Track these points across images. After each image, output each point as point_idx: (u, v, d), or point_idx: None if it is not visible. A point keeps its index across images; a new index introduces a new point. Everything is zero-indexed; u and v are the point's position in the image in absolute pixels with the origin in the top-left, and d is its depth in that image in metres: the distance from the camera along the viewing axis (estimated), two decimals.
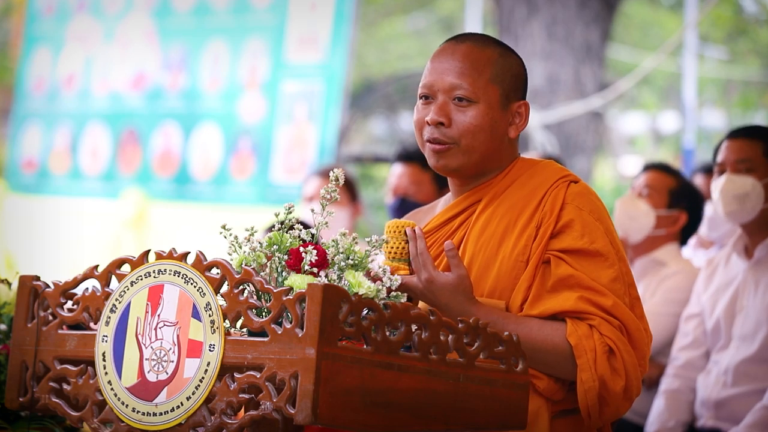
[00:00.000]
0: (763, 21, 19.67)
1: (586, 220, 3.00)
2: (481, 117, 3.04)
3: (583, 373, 2.91)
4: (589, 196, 3.05)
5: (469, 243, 3.06)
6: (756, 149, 4.50)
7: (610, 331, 2.92)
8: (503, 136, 3.09)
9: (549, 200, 3.02)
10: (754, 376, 4.46)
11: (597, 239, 2.99)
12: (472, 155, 3.07)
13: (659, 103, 22.38)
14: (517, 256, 2.99)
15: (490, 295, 3.01)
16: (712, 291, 4.68)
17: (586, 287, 2.94)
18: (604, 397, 2.93)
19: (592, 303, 2.93)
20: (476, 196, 3.12)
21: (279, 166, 8.37)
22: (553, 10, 11.06)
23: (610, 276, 2.97)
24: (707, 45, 20.00)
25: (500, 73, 3.07)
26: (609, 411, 2.95)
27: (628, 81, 10.34)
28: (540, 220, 3.01)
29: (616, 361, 2.92)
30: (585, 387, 2.92)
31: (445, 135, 3.06)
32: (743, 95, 20.98)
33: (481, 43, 3.11)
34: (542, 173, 3.09)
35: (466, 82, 3.05)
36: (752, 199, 4.47)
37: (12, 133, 10.17)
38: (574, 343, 2.91)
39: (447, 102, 3.06)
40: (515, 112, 3.11)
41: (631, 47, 19.84)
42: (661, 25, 20.90)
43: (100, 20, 9.51)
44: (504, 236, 3.03)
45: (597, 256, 2.98)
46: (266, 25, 8.58)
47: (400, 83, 12.28)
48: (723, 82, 21.48)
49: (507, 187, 3.09)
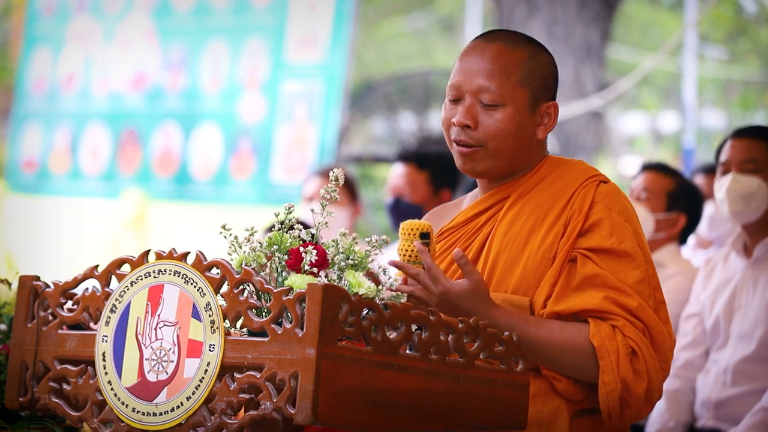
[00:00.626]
0: (763, 21, 19.67)
1: (615, 220, 2.97)
2: (508, 120, 3.01)
3: (606, 374, 2.88)
4: (619, 197, 3.02)
5: (495, 240, 3.03)
6: (762, 149, 4.49)
7: (634, 332, 2.89)
8: (531, 138, 3.06)
9: (578, 198, 2.99)
10: (753, 375, 4.46)
11: (625, 239, 2.96)
12: (499, 159, 3.04)
13: (659, 103, 22.38)
14: (544, 253, 2.97)
15: (514, 291, 2.98)
16: (711, 290, 4.68)
17: (612, 287, 2.91)
18: (626, 400, 2.90)
19: (616, 303, 2.90)
20: (504, 192, 3.08)
21: (279, 166, 8.37)
22: (553, 10, 11.06)
23: (637, 277, 2.94)
24: (707, 45, 20.00)
25: (529, 75, 3.03)
26: (630, 413, 2.92)
27: (628, 81, 10.33)
28: (568, 217, 2.98)
29: (638, 363, 2.89)
30: (607, 389, 2.89)
31: (472, 137, 3.03)
32: (743, 95, 20.98)
33: (511, 43, 3.06)
34: (571, 172, 3.06)
35: (494, 84, 3.01)
36: (758, 199, 4.47)
37: (12, 133, 10.17)
38: (597, 345, 2.88)
39: (474, 104, 3.03)
40: (544, 112, 3.07)
41: (631, 47, 19.84)
42: (661, 25, 20.90)
43: (100, 20, 9.50)
44: (531, 233, 3.00)
45: (624, 257, 2.95)
46: (266, 25, 8.58)
47: (400, 83, 12.28)
48: (723, 82, 21.48)
49: (535, 185, 3.06)
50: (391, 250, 6.23)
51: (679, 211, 5.21)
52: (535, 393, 2.92)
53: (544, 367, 2.96)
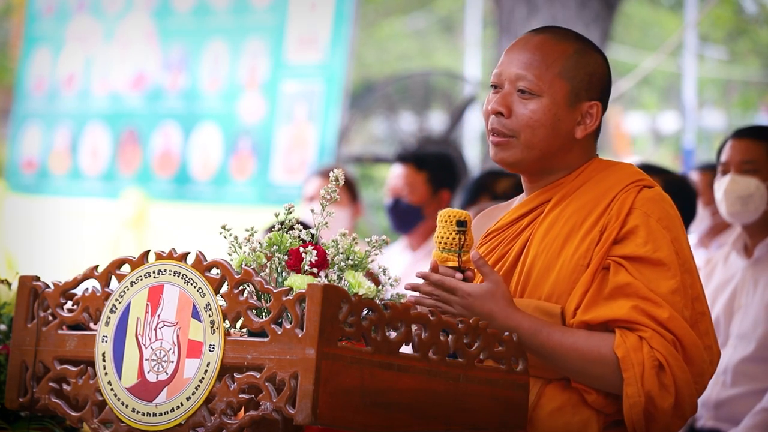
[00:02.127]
0: (763, 21, 19.67)
1: (652, 227, 2.88)
2: (542, 112, 2.93)
3: (629, 387, 2.80)
4: (662, 203, 2.93)
5: (533, 243, 2.96)
6: (761, 150, 4.48)
7: (662, 344, 2.81)
8: (568, 135, 2.96)
9: (617, 204, 2.91)
10: (753, 375, 4.46)
11: (661, 248, 2.86)
12: (531, 151, 2.95)
13: (659, 103, 22.39)
14: (578, 259, 2.89)
15: (547, 298, 2.90)
16: (711, 290, 4.68)
17: (643, 297, 2.83)
18: (652, 414, 2.82)
19: (645, 314, 2.82)
20: (546, 195, 3.00)
21: (279, 167, 8.37)
22: (553, 10, 11.06)
23: (671, 287, 2.85)
24: (707, 45, 20.00)
25: (572, 69, 2.95)
26: (657, 428, 2.84)
27: (628, 81, 10.33)
28: (605, 224, 2.89)
29: (665, 376, 2.81)
30: (630, 402, 2.81)
31: (505, 126, 2.95)
32: (743, 95, 20.99)
33: (559, 36, 2.99)
34: (615, 175, 2.97)
35: (531, 73, 2.94)
36: (756, 200, 4.47)
37: (12, 133, 10.16)
38: (621, 356, 2.80)
39: (511, 92, 2.96)
40: (586, 111, 2.97)
41: (631, 47, 19.84)
42: (661, 25, 20.91)
43: (100, 20, 9.50)
44: (568, 238, 2.92)
45: (659, 266, 2.86)
46: (266, 25, 8.58)
47: (400, 83, 12.26)
48: (723, 82, 21.49)
49: (578, 187, 2.98)
50: (391, 250, 6.25)
51: None
52: (564, 404, 2.87)
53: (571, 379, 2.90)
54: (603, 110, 3.03)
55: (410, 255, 6.19)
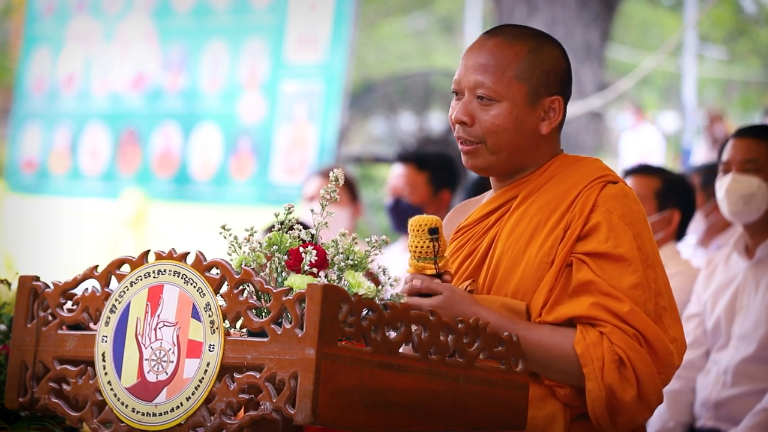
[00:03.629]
0: (763, 21, 19.68)
1: (614, 224, 2.92)
2: (503, 116, 2.98)
3: (590, 382, 2.85)
4: (624, 199, 2.96)
5: (500, 241, 3.00)
6: (763, 149, 4.48)
7: (622, 339, 2.85)
8: (533, 133, 3.01)
9: (580, 201, 2.95)
10: (753, 376, 4.46)
11: (622, 243, 2.91)
12: (499, 154, 3.00)
13: (659, 103, 22.39)
14: (543, 257, 2.93)
15: (513, 295, 2.95)
16: (712, 290, 4.68)
17: (603, 293, 2.87)
18: (614, 407, 2.86)
19: (606, 309, 2.86)
20: (513, 192, 3.05)
21: (279, 167, 8.37)
22: (553, 10, 11.06)
23: (631, 282, 2.89)
24: (707, 45, 20.01)
25: (528, 69, 2.99)
26: (622, 420, 2.88)
27: (628, 81, 10.34)
28: (569, 221, 2.94)
29: (626, 370, 2.85)
30: (592, 396, 2.86)
31: (470, 134, 3.01)
32: (743, 95, 20.99)
33: (512, 38, 3.02)
34: (580, 172, 3.02)
35: (488, 80, 2.98)
36: (758, 199, 4.47)
37: (12, 133, 10.17)
38: (581, 351, 2.85)
39: (471, 100, 3.01)
40: (548, 107, 3.02)
41: (631, 47, 19.85)
42: (661, 25, 20.92)
43: (100, 20, 9.51)
44: (533, 236, 2.96)
45: (620, 261, 2.90)
46: (266, 25, 8.58)
47: (400, 83, 12.27)
48: (723, 82, 21.50)
49: (543, 184, 3.02)
50: (391, 250, 6.25)
51: (672, 207, 5.19)
52: (531, 398, 2.88)
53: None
54: (565, 102, 3.07)
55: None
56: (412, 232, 2.92)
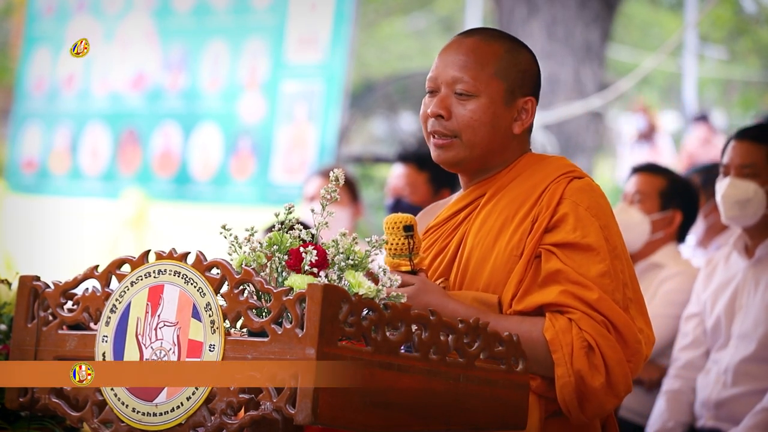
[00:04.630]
0: (763, 21, 19.68)
1: (581, 215, 2.98)
2: (481, 111, 3.03)
3: (559, 368, 2.89)
4: (591, 192, 3.03)
5: (469, 237, 3.05)
6: (761, 154, 4.47)
7: (591, 326, 2.89)
8: (507, 132, 3.07)
9: (547, 195, 3.01)
10: (753, 375, 4.46)
11: (590, 234, 2.96)
12: (473, 150, 3.06)
13: (659, 103, 22.38)
14: (512, 250, 2.98)
15: (485, 289, 2.99)
16: (712, 290, 4.68)
17: (572, 281, 2.92)
18: (583, 393, 2.89)
19: (575, 297, 2.91)
20: (481, 190, 3.11)
21: (279, 166, 8.37)
22: (553, 10, 11.06)
23: (599, 270, 2.94)
24: (707, 45, 20.00)
25: (505, 68, 3.05)
26: (590, 407, 2.91)
27: (628, 81, 10.33)
28: (537, 214, 3.00)
29: (594, 357, 2.89)
30: (561, 382, 2.89)
31: (446, 128, 3.05)
32: (743, 95, 20.98)
33: (489, 37, 3.09)
34: (546, 168, 3.07)
35: (467, 75, 3.04)
36: (754, 205, 4.46)
37: (12, 133, 10.16)
38: (550, 338, 2.89)
39: (449, 95, 3.06)
40: (521, 107, 3.08)
41: (631, 47, 19.85)
42: (661, 25, 20.91)
43: (100, 20, 9.50)
44: (501, 230, 3.02)
45: (588, 251, 2.95)
46: (266, 25, 8.58)
47: (400, 83, 12.28)
48: (723, 82, 21.49)
49: (510, 181, 3.08)
50: None
51: (674, 208, 5.20)
52: None
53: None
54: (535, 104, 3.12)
55: None
56: (387, 229, 2.97)
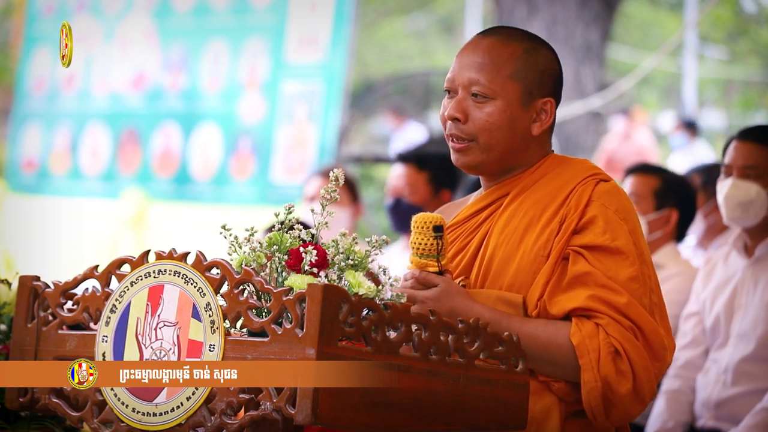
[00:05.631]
0: (763, 21, 19.68)
1: (610, 218, 2.95)
2: (497, 114, 3.00)
3: (586, 373, 2.86)
4: (617, 195, 3.00)
5: (492, 236, 3.02)
6: (764, 155, 4.46)
7: (619, 331, 2.87)
8: (525, 133, 3.04)
9: (575, 197, 2.98)
10: (753, 375, 4.46)
11: (619, 237, 2.93)
12: (491, 153, 3.02)
13: (659, 103, 22.39)
14: (538, 250, 2.95)
15: (508, 288, 2.96)
16: (711, 288, 4.68)
17: (601, 285, 2.89)
18: (610, 399, 2.87)
19: (603, 301, 2.88)
20: (503, 190, 3.07)
21: (279, 166, 8.37)
22: (553, 10, 11.06)
23: (629, 275, 2.91)
24: (707, 45, 20.01)
25: (522, 69, 3.02)
26: (616, 413, 2.89)
27: (628, 81, 10.34)
28: (564, 215, 2.97)
29: (622, 362, 2.86)
30: (587, 387, 2.86)
31: (463, 131, 3.02)
32: (743, 95, 20.99)
33: (507, 37, 3.06)
34: (572, 170, 3.05)
35: (484, 77, 3.01)
36: (756, 206, 4.46)
37: (12, 133, 10.17)
38: (577, 343, 2.86)
39: (465, 97, 3.03)
40: (540, 108, 3.05)
41: (631, 47, 19.86)
42: (661, 25, 20.93)
43: (100, 20, 9.51)
44: (527, 230, 2.99)
45: (617, 254, 2.92)
46: (266, 25, 8.58)
47: (400, 83, 12.30)
48: (723, 82, 21.50)
49: (535, 182, 3.05)
50: (392, 250, 6.25)
51: (670, 207, 5.19)
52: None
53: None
54: (556, 105, 3.11)
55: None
56: (416, 228, 2.93)
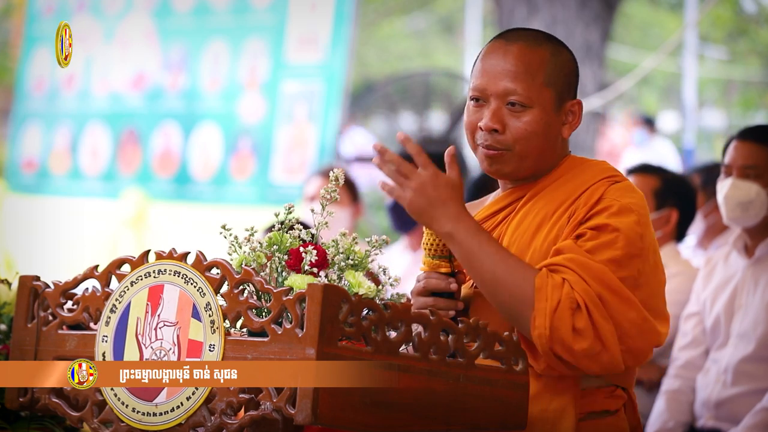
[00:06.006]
0: (763, 21, 19.68)
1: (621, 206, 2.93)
2: (535, 122, 2.98)
3: (538, 318, 2.81)
4: (632, 192, 2.99)
5: (506, 236, 3.02)
6: (764, 155, 4.47)
7: (585, 290, 2.83)
8: (557, 138, 3.04)
9: (586, 194, 2.97)
10: (753, 375, 4.46)
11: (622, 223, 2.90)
12: (526, 160, 3.01)
13: (659, 103, 22.39)
14: (548, 245, 2.94)
15: None
16: (712, 289, 4.68)
17: (585, 251, 2.87)
18: (560, 354, 2.82)
19: (578, 264, 2.85)
20: (521, 191, 3.07)
21: (279, 166, 8.37)
22: (553, 10, 11.06)
23: (610, 256, 2.87)
24: (707, 45, 20.01)
25: (553, 74, 3.00)
26: (565, 367, 2.83)
27: (628, 81, 10.34)
28: (574, 210, 2.96)
29: (581, 319, 2.81)
30: (537, 332, 2.81)
31: (499, 142, 3.00)
32: (743, 95, 20.99)
33: (533, 42, 3.03)
34: (588, 171, 3.04)
35: (520, 87, 2.97)
36: (756, 206, 4.46)
37: (12, 133, 10.17)
38: (538, 285, 2.82)
39: (500, 107, 2.99)
40: (568, 111, 3.04)
41: (631, 47, 19.86)
42: (661, 25, 20.92)
43: (100, 20, 9.50)
44: (538, 229, 2.98)
45: (611, 233, 2.89)
46: (266, 25, 8.58)
47: (400, 83, 12.28)
48: (723, 82, 21.50)
49: (551, 183, 3.04)
50: (392, 250, 6.25)
51: (670, 206, 5.19)
52: (541, 391, 2.89)
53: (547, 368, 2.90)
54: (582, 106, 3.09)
55: (411, 255, 6.19)
56: (428, 229, 2.92)
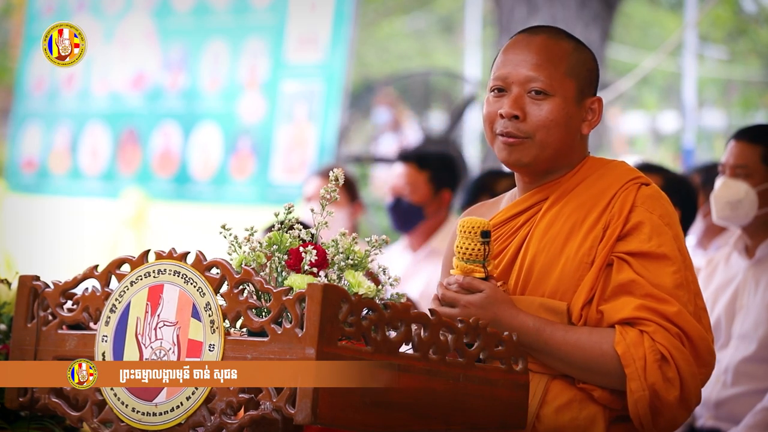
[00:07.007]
0: (763, 21, 19.67)
1: (655, 223, 2.92)
2: (557, 111, 2.96)
3: (632, 382, 2.83)
4: (660, 200, 2.98)
5: (532, 241, 2.98)
6: (755, 154, 4.47)
7: (666, 338, 2.83)
8: (576, 133, 3.01)
9: (618, 201, 2.95)
10: (754, 375, 4.46)
11: (665, 243, 2.90)
12: (545, 150, 2.98)
13: (659, 103, 22.40)
14: (582, 257, 2.92)
15: (551, 295, 2.93)
16: (713, 290, 4.68)
17: (647, 294, 2.86)
18: (657, 407, 2.84)
19: (651, 310, 2.85)
20: (543, 193, 3.03)
21: (279, 166, 8.37)
22: (553, 10, 11.05)
23: (675, 281, 2.88)
24: (707, 45, 20.01)
25: (576, 66, 3.00)
26: (664, 421, 2.86)
27: (628, 81, 10.34)
28: (608, 221, 2.93)
29: (669, 369, 2.83)
30: (635, 397, 2.83)
31: (519, 129, 2.97)
32: (743, 95, 20.99)
33: (556, 35, 3.03)
34: (612, 173, 3.01)
35: (542, 74, 2.97)
36: (745, 205, 4.46)
37: (12, 133, 10.17)
38: (622, 352, 2.83)
39: (522, 95, 2.98)
40: (588, 107, 3.02)
41: (631, 47, 19.86)
42: (661, 25, 20.92)
43: (100, 20, 9.50)
44: (569, 236, 2.95)
45: (663, 260, 2.89)
46: (266, 25, 8.58)
47: (400, 83, 12.29)
48: (723, 82, 21.50)
49: (576, 185, 3.01)
50: (392, 250, 6.25)
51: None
52: (571, 400, 2.89)
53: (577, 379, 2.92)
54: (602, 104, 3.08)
55: (411, 255, 6.19)
56: (463, 233, 2.89)
